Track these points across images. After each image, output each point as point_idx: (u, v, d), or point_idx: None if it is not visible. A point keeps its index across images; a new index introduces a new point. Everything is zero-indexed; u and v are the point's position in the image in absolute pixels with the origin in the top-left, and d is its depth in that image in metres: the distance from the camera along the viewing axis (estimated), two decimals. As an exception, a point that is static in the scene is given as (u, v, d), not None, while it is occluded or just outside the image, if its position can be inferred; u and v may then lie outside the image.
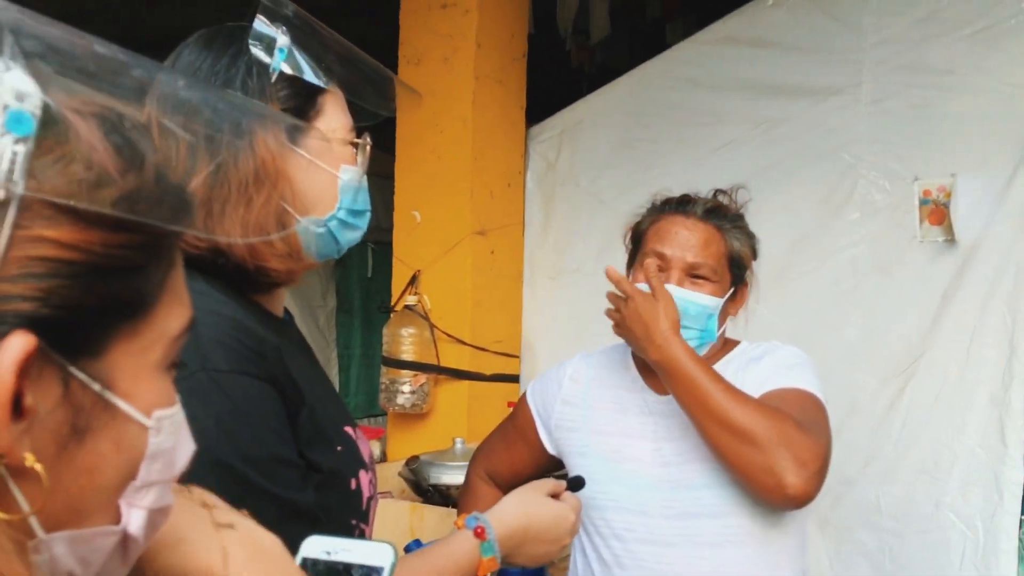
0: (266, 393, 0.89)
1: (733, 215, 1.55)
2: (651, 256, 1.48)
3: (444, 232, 2.88)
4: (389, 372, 2.82)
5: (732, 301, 1.53)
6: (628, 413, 1.54)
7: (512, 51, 2.99)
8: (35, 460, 0.42)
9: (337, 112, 1.00)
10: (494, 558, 1.04)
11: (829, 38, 2.59)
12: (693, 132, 2.82)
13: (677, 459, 1.46)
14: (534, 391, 1.70)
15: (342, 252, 1.04)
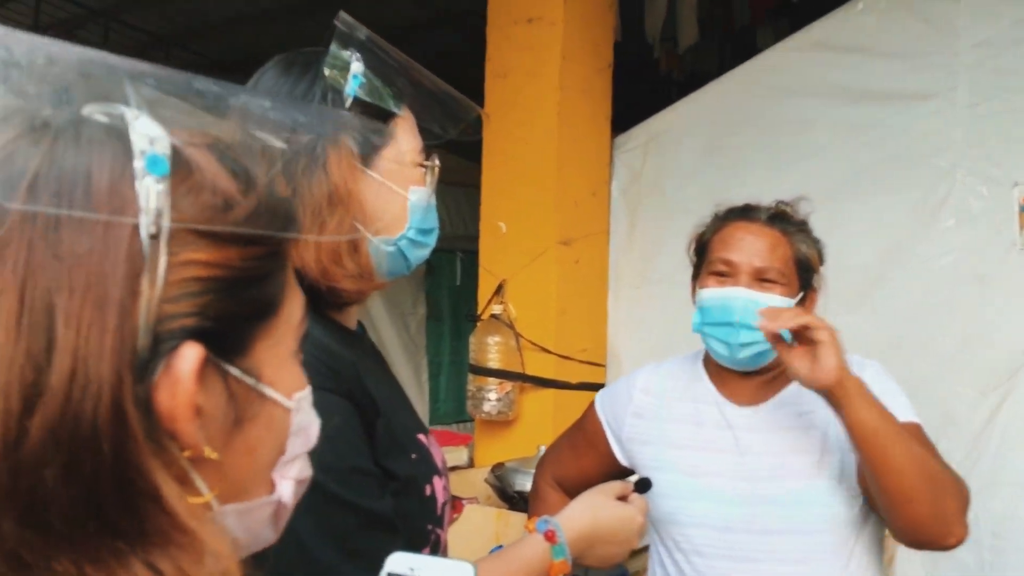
0: (343, 408, 0.93)
1: (797, 220, 1.52)
2: (717, 264, 1.46)
3: (529, 242, 2.92)
4: (476, 380, 2.87)
5: (802, 307, 1.50)
6: (704, 426, 1.52)
7: (597, 62, 3.02)
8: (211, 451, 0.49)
9: (408, 135, 1.04)
10: (565, 560, 1.06)
11: (921, 42, 2.53)
12: (781, 139, 2.79)
13: (761, 474, 1.44)
14: (603, 402, 1.68)
15: (411, 269, 1.08)
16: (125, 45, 5.12)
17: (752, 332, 1.43)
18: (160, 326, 0.45)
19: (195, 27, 5.03)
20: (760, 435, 1.46)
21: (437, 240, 1.11)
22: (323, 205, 0.94)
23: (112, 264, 0.44)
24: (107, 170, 0.45)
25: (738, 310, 1.42)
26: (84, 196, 0.44)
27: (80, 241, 0.44)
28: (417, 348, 4.61)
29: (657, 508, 1.51)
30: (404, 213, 1.03)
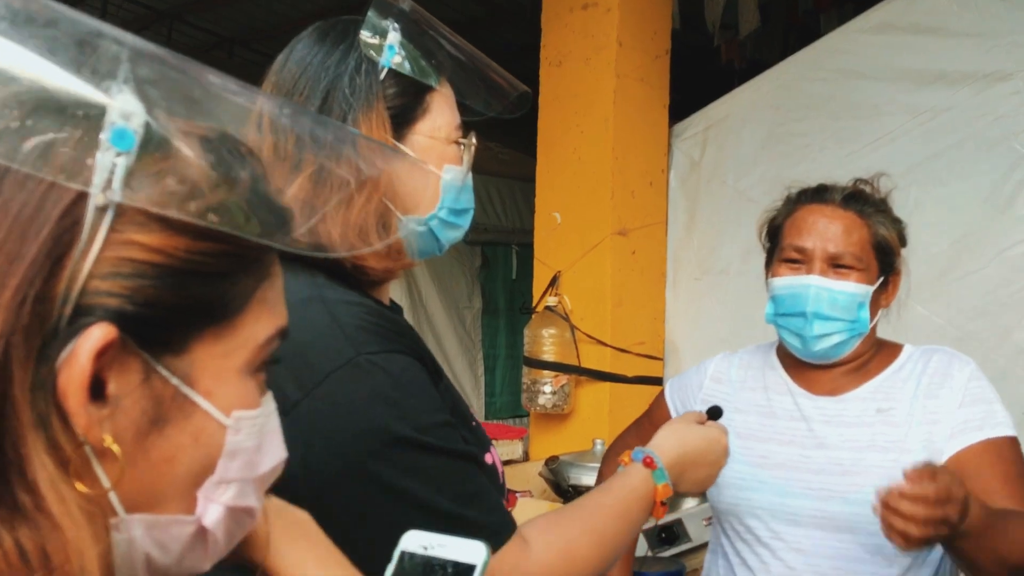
0: (417, 367, 0.92)
1: (876, 200, 1.44)
2: (789, 251, 1.40)
3: (585, 233, 2.87)
4: (531, 372, 2.84)
5: (883, 292, 1.43)
6: (776, 417, 1.47)
7: (655, 49, 2.95)
8: (112, 441, 0.46)
9: (444, 110, 1.00)
10: (667, 484, 1.05)
11: (995, 20, 2.41)
12: (847, 125, 2.69)
13: (834, 468, 1.38)
14: (673, 389, 1.65)
15: (443, 250, 1.05)
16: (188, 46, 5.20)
17: (827, 322, 1.38)
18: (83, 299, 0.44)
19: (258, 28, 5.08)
20: (835, 429, 1.40)
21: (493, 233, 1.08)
22: (352, 180, 0.91)
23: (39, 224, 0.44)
24: (76, 136, 0.44)
25: (811, 300, 1.37)
26: (41, 155, 0.43)
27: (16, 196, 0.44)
28: (473, 342, 4.60)
29: (721, 499, 1.48)
30: (436, 192, 0.99)
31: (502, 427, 2.94)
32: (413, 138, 0.98)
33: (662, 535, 2.13)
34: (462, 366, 4.48)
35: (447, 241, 1.04)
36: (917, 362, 1.43)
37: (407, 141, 0.98)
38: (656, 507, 1.05)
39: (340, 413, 0.84)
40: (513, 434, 2.86)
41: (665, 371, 3.03)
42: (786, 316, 1.41)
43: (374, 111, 0.94)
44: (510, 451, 2.81)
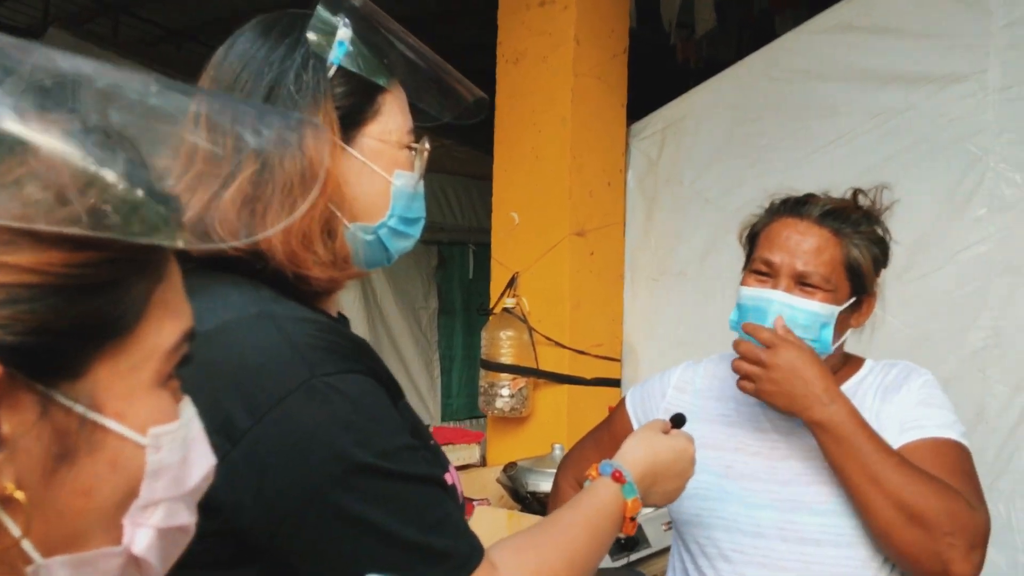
0: (376, 387, 0.86)
1: (858, 218, 1.39)
2: (758, 263, 1.37)
3: (543, 233, 2.83)
4: (488, 375, 2.79)
5: (854, 313, 1.40)
6: (740, 427, 1.44)
7: (612, 47, 2.92)
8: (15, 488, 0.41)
9: (396, 113, 0.95)
10: (637, 499, 1.02)
11: (952, 22, 2.42)
12: (804, 125, 2.68)
13: (801, 479, 1.36)
14: (634, 398, 1.61)
15: (392, 260, 1.00)
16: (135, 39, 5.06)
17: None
18: None
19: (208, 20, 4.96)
20: (800, 439, 1.37)
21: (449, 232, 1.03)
22: (295, 183, 0.85)
23: None
24: None
25: (772, 315, 1.34)
26: None
27: None
28: (429, 343, 4.54)
29: (683, 509, 1.45)
30: (386, 198, 0.94)
31: (459, 431, 2.89)
32: (362, 141, 0.92)
33: (621, 541, 2.10)
34: (418, 367, 4.42)
35: (396, 251, 0.98)
36: (878, 374, 1.43)
37: (356, 144, 0.92)
38: (626, 522, 1.01)
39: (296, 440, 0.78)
40: (470, 438, 2.81)
41: (623, 372, 3.01)
42: None
43: (321, 111, 0.89)
44: (467, 455, 2.77)
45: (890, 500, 1.21)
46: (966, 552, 1.18)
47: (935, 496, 1.20)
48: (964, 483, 1.25)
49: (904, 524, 1.21)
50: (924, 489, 1.20)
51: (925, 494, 1.20)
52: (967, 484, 1.26)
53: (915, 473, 1.22)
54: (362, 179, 0.92)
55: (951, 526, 1.18)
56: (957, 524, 1.18)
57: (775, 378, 1.27)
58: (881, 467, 1.22)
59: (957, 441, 1.31)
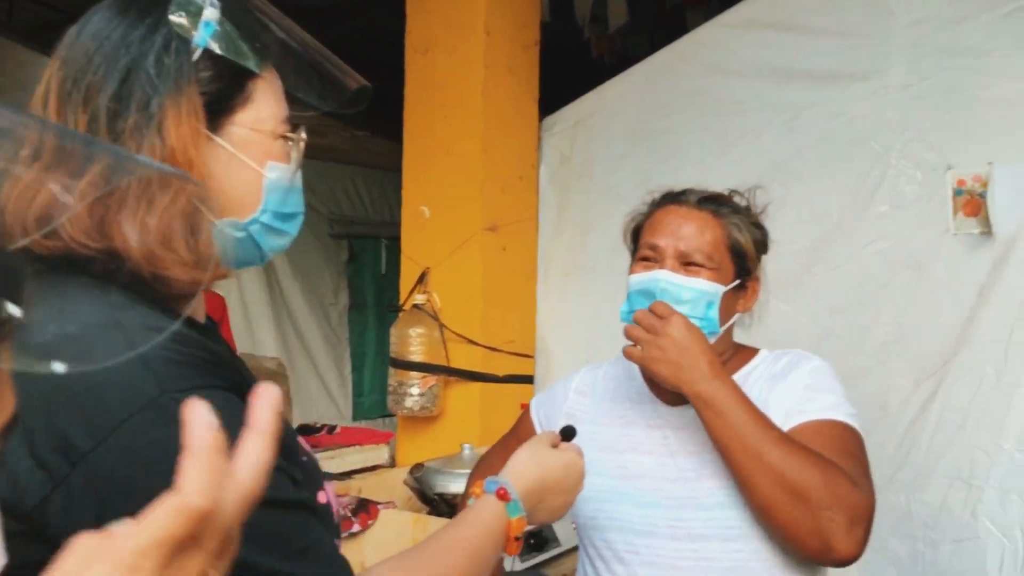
0: (236, 404, 0.78)
1: (735, 205, 1.45)
2: (644, 249, 1.40)
3: (454, 228, 2.78)
4: (397, 374, 2.73)
5: (740, 297, 1.42)
6: (634, 426, 1.44)
7: (524, 39, 2.88)
8: None
9: (269, 100, 0.88)
10: (522, 517, 0.98)
11: (856, 20, 2.45)
12: (714, 121, 2.69)
13: (688, 475, 1.35)
14: (538, 404, 1.61)
15: (265, 260, 0.93)
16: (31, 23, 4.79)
17: None
18: None
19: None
20: (691, 434, 1.36)
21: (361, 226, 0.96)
22: (154, 176, 0.78)
23: None
24: None
25: (658, 294, 1.34)
26: None
27: None
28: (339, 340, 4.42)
29: (581, 513, 1.43)
30: (258, 192, 0.87)
31: (367, 431, 2.81)
32: (231, 130, 0.85)
33: (530, 541, 2.06)
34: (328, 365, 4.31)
35: (271, 250, 0.91)
36: (770, 364, 1.42)
37: (224, 133, 0.85)
38: (510, 542, 0.97)
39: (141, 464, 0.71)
40: (379, 438, 2.74)
41: (536, 369, 2.98)
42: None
43: (184, 96, 0.81)
44: (376, 456, 2.69)
45: (770, 475, 1.20)
46: (847, 528, 1.17)
47: (814, 470, 1.19)
48: (847, 461, 1.24)
49: (784, 499, 1.19)
50: (804, 463, 1.19)
51: (804, 468, 1.19)
52: (850, 462, 1.24)
53: (796, 448, 1.22)
54: (231, 171, 0.85)
55: (831, 501, 1.17)
56: (837, 499, 1.17)
57: (663, 345, 1.27)
58: (761, 442, 1.21)
59: (841, 421, 1.30)
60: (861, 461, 1.27)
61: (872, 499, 1.24)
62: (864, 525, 1.19)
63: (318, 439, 2.64)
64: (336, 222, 4.35)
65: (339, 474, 2.51)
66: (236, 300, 3.96)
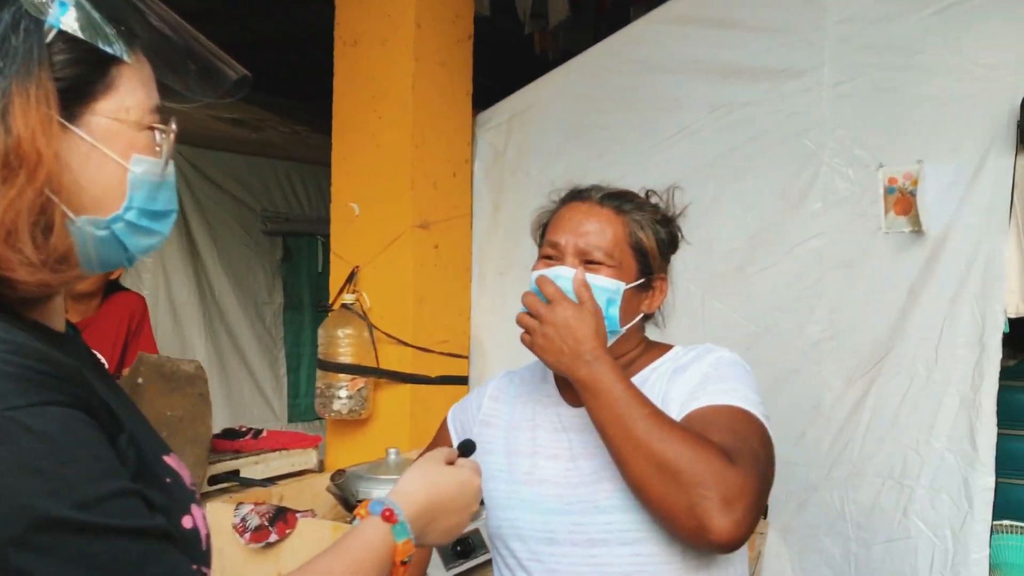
0: (81, 422, 0.72)
1: (640, 202, 1.42)
2: (546, 247, 1.38)
3: (384, 225, 2.70)
4: (325, 376, 2.64)
5: (645, 296, 1.38)
6: (541, 429, 1.40)
7: (456, 32, 2.81)
8: None
9: (136, 89, 0.81)
10: (409, 540, 0.93)
11: (789, 16, 2.43)
12: (648, 117, 2.66)
13: (588, 478, 1.31)
14: (455, 413, 1.56)
15: (133, 262, 0.86)
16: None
17: None
18: None
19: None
20: (593, 436, 1.30)
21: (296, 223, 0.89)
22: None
23: None
24: None
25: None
26: None
27: None
28: (274, 340, 4.31)
29: (489, 520, 1.40)
30: (122, 187, 0.80)
31: (295, 435, 2.72)
32: (91, 119, 0.78)
33: (457, 548, 2.00)
34: (262, 366, 4.19)
35: (138, 250, 0.84)
36: (675, 359, 1.39)
37: (82, 122, 0.78)
38: (396, 568, 0.91)
39: None
40: (307, 442, 2.65)
41: (470, 370, 2.91)
42: None
43: (34, 81, 0.74)
44: (304, 461, 2.61)
45: (640, 451, 1.16)
46: (721, 506, 1.11)
47: (685, 445, 1.15)
48: (732, 440, 1.19)
49: (654, 474, 1.15)
50: (675, 438, 1.16)
51: (674, 442, 1.15)
52: (734, 441, 1.19)
53: (669, 424, 1.19)
54: (91, 164, 0.78)
55: (703, 477, 1.12)
56: (709, 474, 1.12)
57: (548, 333, 1.25)
58: (635, 418, 1.18)
59: (734, 405, 1.25)
60: (749, 442, 1.21)
61: (753, 479, 1.16)
62: (742, 505, 1.12)
63: (242, 444, 2.54)
64: (270, 219, 4.24)
65: (263, 480, 2.42)
66: (164, 300, 3.83)
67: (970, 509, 2.18)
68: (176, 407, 2.20)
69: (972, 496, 2.18)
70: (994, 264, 2.16)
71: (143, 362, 2.20)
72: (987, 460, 2.17)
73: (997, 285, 2.16)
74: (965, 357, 2.20)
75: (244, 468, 2.43)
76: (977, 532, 2.17)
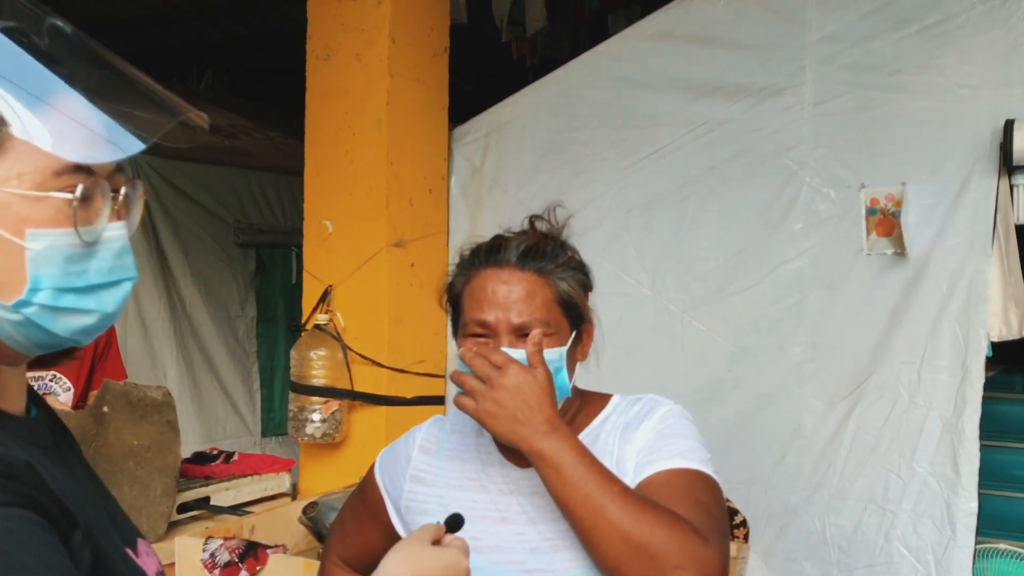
0: (32, 523, 0.66)
1: (554, 249, 1.31)
2: (472, 326, 1.26)
3: (359, 244, 2.64)
4: (298, 399, 2.58)
5: (578, 345, 1.32)
6: (486, 491, 1.31)
7: (432, 46, 2.76)
8: None
9: (32, 152, 0.69)
10: None
11: (770, 34, 2.40)
12: (626, 135, 2.62)
13: (546, 544, 1.24)
14: (382, 464, 1.44)
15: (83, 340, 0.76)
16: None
17: None
18: None
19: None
20: (546, 499, 1.23)
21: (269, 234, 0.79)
22: None
23: None
24: None
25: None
26: None
27: None
28: (247, 354, 4.23)
29: None
30: (20, 268, 0.70)
31: (267, 458, 2.66)
32: None
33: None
34: (234, 381, 4.11)
35: (69, 333, 0.74)
36: (622, 412, 1.32)
37: None
38: None
39: None
40: (279, 466, 2.58)
41: (447, 389, 2.86)
42: None
43: None
44: (276, 485, 2.54)
45: (614, 532, 1.12)
46: None
47: (660, 525, 1.11)
48: (697, 513, 1.16)
49: (631, 557, 1.11)
50: (649, 519, 1.12)
51: (650, 524, 1.11)
52: (700, 515, 1.16)
53: (640, 503, 1.14)
54: None
55: (680, 558, 1.09)
56: (686, 555, 1.10)
57: (499, 398, 1.16)
58: (603, 497, 1.13)
59: (693, 468, 1.22)
60: (712, 511, 1.19)
61: (724, 554, 1.15)
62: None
63: (212, 469, 2.48)
64: (242, 230, 4.15)
65: (234, 507, 2.36)
66: (133, 315, 3.75)
67: (952, 535, 2.16)
68: (143, 436, 2.13)
69: (955, 521, 2.16)
70: (977, 287, 2.14)
71: (109, 390, 2.14)
72: (969, 485, 2.15)
73: (980, 308, 2.14)
74: (947, 381, 2.18)
75: (214, 495, 2.37)
76: (960, 558, 2.15)
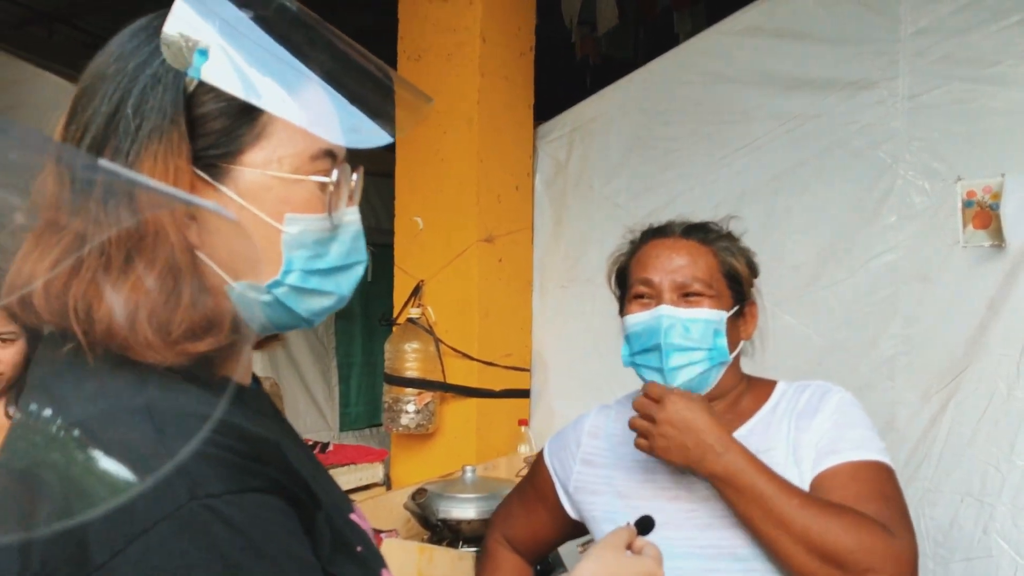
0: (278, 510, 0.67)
1: (720, 230, 1.41)
2: (637, 286, 1.34)
3: (449, 239, 2.70)
4: (392, 390, 2.64)
5: (740, 324, 1.37)
6: (658, 471, 1.36)
7: (519, 45, 2.81)
8: None
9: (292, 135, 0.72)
10: None
11: (861, 28, 2.40)
12: (715, 129, 2.63)
13: (720, 522, 1.28)
14: (551, 450, 1.53)
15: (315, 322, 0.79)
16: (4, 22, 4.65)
17: (684, 353, 1.29)
18: None
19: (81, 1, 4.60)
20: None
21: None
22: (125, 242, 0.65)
23: None
24: None
25: (663, 331, 1.28)
26: None
27: None
28: (326, 350, 4.31)
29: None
30: (276, 250, 0.72)
31: (361, 449, 2.73)
32: (238, 174, 0.71)
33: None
34: (315, 376, 4.20)
35: (312, 313, 0.76)
36: (792, 398, 1.37)
37: (229, 178, 0.71)
38: None
39: None
40: (373, 456, 2.65)
41: (532, 383, 2.91)
42: (642, 354, 1.32)
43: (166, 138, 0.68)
44: (370, 475, 2.61)
45: (801, 544, 1.15)
46: None
47: (846, 532, 1.14)
48: (884, 507, 1.20)
49: (819, 566, 1.15)
50: (834, 526, 1.15)
51: (835, 531, 1.14)
52: (888, 508, 1.20)
53: (822, 511, 1.17)
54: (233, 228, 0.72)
55: (869, 561, 1.13)
56: (876, 557, 1.13)
57: (666, 432, 1.23)
58: (786, 510, 1.17)
59: (875, 461, 1.26)
60: (898, 503, 1.23)
61: (913, 544, 1.19)
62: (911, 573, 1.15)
63: (311, 459, 2.55)
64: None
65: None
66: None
67: (1054, 528, 2.14)
68: (252, 424, 2.21)
69: (1056, 514, 2.14)
70: (1077, 279, 2.13)
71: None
72: (1071, 478, 2.14)
73: (1081, 300, 2.12)
74: (1048, 373, 2.16)
75: (313, 483, 2.44)
76: (1062, 551, 2.13)
